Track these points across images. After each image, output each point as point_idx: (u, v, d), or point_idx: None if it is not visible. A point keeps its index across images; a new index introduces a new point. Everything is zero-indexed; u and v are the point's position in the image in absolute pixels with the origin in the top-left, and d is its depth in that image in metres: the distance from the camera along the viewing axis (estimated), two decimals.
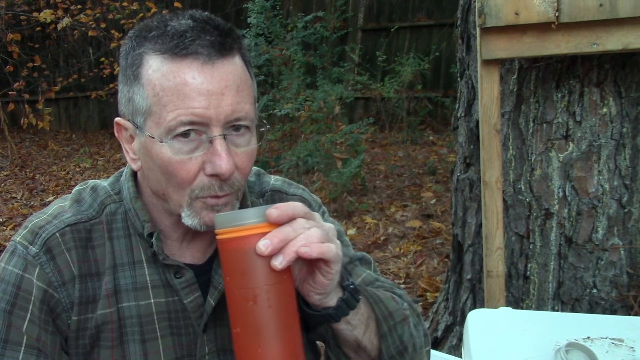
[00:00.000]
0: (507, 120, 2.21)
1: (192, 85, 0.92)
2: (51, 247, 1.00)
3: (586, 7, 1.83)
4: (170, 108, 0.93)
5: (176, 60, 0.93)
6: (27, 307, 0.98)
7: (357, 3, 8.09)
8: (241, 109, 0.96)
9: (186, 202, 0.98)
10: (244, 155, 0.98)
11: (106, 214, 1.06)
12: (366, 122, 5.58)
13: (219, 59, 0.94)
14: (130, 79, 0.98)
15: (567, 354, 1.28)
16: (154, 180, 1.01)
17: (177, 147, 0.94)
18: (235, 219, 0.82)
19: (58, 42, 8.50)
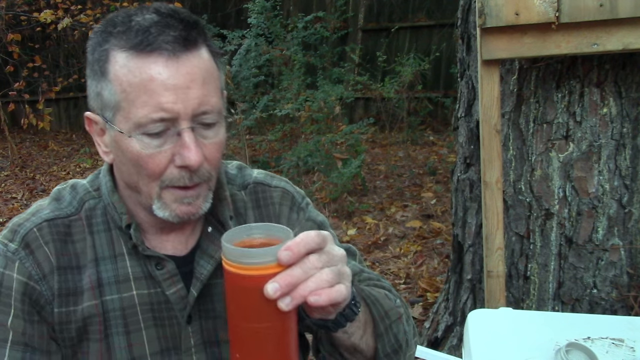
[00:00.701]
0: (507, 120, 2.21)
1: (158, 81, 0.93)
2: (29, 242, 1.03)
3: (586, 7, 1.83)
4: (138, 104, 0.94)
5: (141, 55, 0.94)
6: (10, 303, 0.99)
7: (357, 3, 8.09)
8: (207, 102, 0.97)
9: (155, 193, 1.00)
10: (212, 146, 1.00)
11: (85, 209, 1.08)
12: (366, 122, 5.59)
13: (183, 52, 0.95)
14: (97, 73, 0.99)
15: (567, 354, 1.28)
16: (125, 173, 1.03)
17: (146, 141, 0.96)
18: (245, 255, 0.79)
19: (58, 42, 8.50)
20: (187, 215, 1.02)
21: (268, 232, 0.85)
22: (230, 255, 0.80)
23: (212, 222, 1.12)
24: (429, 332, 2.77)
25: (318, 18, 6.76)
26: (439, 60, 7.37)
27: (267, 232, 0.85)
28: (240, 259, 0.79)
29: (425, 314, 3.16)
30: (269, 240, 0.85)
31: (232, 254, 0.79)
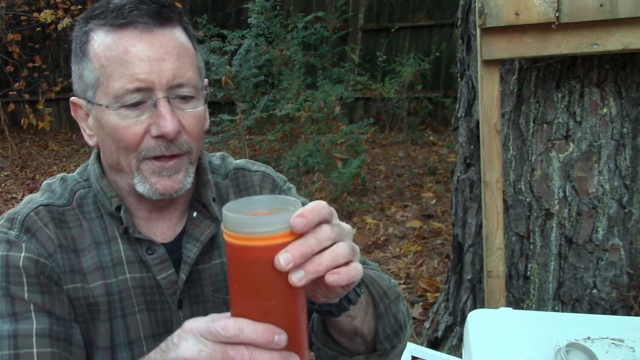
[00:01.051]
0: (507, 120, 2.21)
1: (133, 53, 0.98)
2: (29, 226, 1.05)
3: (586, 7, 1.83)
4: (115, 77, 0.98)
5: (117, 31, 0.99)
6: (21, 280, 1.00)
7: (357, 3, 8.10)
8: (182, 75, 1.00)
9: (134, 166, 1.02)
10: (190, 118, 1.03)
11: (76, 198, 1.11)
12: (366, 122, 5.59)
13: (157, 27, 1.00)
14: (78, 56, 1.04)
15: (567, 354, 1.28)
16: (107, 152, 1.06)
17: (124, 113, 0.99)
18: (251, 224, 0.69)
19: (58, 42, 8.50)
20: (168, 191, 1.03)
21: (272, 205, 0.76)
22: (233, 225, 0.70)
23: (197, 206, 1.14)
24: (429, 332, 2.77)
25: (318, 18, 6.76)
26: (439, 60, 7.38)
27: (271, 205, 0.76)
28: (245, 229, 0.69)
29: (425, 314, 3.16)
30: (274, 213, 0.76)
31: (234, 224, 0.70)
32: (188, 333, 0.73)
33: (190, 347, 0.71)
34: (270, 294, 0.71)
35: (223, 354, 0.69)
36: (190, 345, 0.71)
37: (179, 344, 0.73)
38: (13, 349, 0.95)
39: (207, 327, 0.70)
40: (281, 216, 0.70)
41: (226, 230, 0.72)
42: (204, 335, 0.71)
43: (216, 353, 0.69)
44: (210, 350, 0.70)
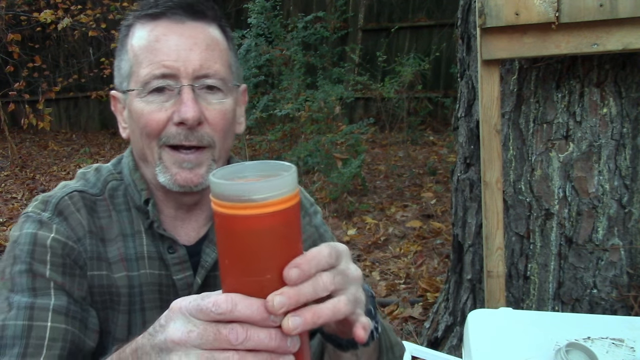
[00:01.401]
0: (507, 120, 2.21)
1: (163, 41, 1.01)
2: (62, 209, 1.07)
3: (586, 7, 1.83)
4: (144, 64, 1.01)
5: (151, 22, 1.04)
6: (45, 259, 1.02)
7: (357, 3, 8.10)
8: (209, 66, 1.02)
9: (156, 153, 1.03)
10: (215, 111, 1.03)
11: (108, 189, 1.13)
12: (366, 122, 5.59)
13: (188, 19, 1.03)
14: (119, 50, 1.09)
15: (567, 354, 1.28)
16: (135, 142, 1.08)
17: (150, 99, 1.02)
18: (242, 191, 0.63)
19: (58, 42, 8.50)
20: (187, 184, 1.03)
21: (263, 171, 0.69)
22: (222, 192, 0.63)
23: None
24: (429, 332, 2.77)
25: (318, 18, 6.76)
26: (439, 60, 7.38)
27: (262, 171, 0.69)
28: (236, 196, 0.63)
29: (425, 314, 3.16)
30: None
31: (223, 191, 0.63)
32: (176, 313, 0.65)
33: (178, 327, 0.64)
34: (264, 267, 0.65)
35: (215, 333, 0.62)
36: (178, 326, 0.64)
37: (167, 326, 0.66)
38: (28, 320, 0.96)
39: (196, 304, 0.63)
40: (275, 181, 0.64)
41: (214, 199, 0.65)
42: (193, 314, 0.63)
43: (207, 333, 0.62)
44: (200, 330, 0.62)
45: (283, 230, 0.65)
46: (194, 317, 0.63)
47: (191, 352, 0.62)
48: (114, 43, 6.95)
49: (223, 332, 0.61)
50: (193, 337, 0.62)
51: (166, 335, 0.65)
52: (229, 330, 0.61)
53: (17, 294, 0.99)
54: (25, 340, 0.94)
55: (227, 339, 0.61)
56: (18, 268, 1.01)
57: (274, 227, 0.64)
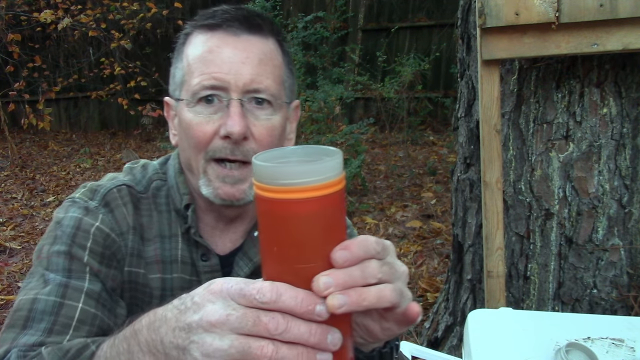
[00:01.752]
0: (507, 120, 2.21)
1: (216, 53, 1.01)
2: (109, 201, 1.08)
3: (586, 7, 1.83)
4: (196, 74, 1.02)
5: (208, 32, 1.04)
6: (86, 244, 1.02)
7: (357, 3, 8.09)
8: (260, 81, 1.02)
9: (202, 167, 1.04)
10: (262, 127, 1.03)
11: (152, 188, 1.13)
12: (366, 122, 5.59)
13: (244, 33, 1.03)
14: (175, 57, 1.10)
15: (567, 354, 1.28)
16: (182, 150, 1.09)
17: (199, 110, 1.02)
18: (291, 174, 0.60)
19: (58, 42, 8.50)
20: (230, 198, 1.04)
21: (307, 156, 0.67)
22: (268, 176, 0.61)
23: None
24: (429, 332, 2.77)
25: (318, 18, 6.76)
26: (439, 60, 7.38)
27: (306, 156, 0.67)
28: (283, 180, 0.60)
29: (425, 314, 3.16)
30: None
31: (270, 175, 0.61)
32: (216, 294, 0.62)
33: (217, 309, 0.61)
34: (308, 254, 0.62)
35: (255, 320, 0.59)
36: (217, 308, 0.61)
37: (203, 305, 0.62)
38: (60, 297, 0.96)
39: (239, 288, 0.60)
40: (321, 164, 0.61)
41: (258, 183, 0.63)
42: (234, 298, 0.61)
43: (247, 318, 0.59)
44: (240, 314, 0.60)
45: (329, 216, 0.63)
46: (235, 301, 0.61)
47: (226, 335, 0.60)
48: (114, 43, 6.96)
49: (263, 320, 0.59)
50: (232, 321, 0.60)
51: (202, 314, 0.61)
52: (270, 319, 0.59)
53: (52, 273, 0.99)
54: (54, 317, 0.94)
55: (267, 327, 0.59)
56: (57, 248, 1.01)
57: (319, 211, 0.62)
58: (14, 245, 4.43)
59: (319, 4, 8.04)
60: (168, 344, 0.64)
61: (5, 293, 3.63)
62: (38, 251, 1.03)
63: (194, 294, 0.65)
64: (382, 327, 0.75)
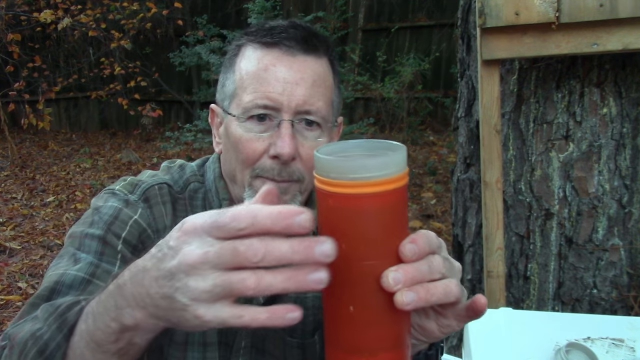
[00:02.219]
0: (507, 120, 2.21)
1: (271, 71, 1.02)
2: (149, 197, 1.08)
3: (586, 7, 1.83)
4: (249, 90, 1.02)
5: (263, 48, 1.04)
6: (121, 234, 1.02)
7: (357, 3, 8.09)
8: (313, 103, 1.02)
9: (247, 181, 1.04)
10: (309, 148, 1.03)
11: (189, 190, 1.13)
12: (366, 122, 5.59)
13: (300, 53, 1.03)
14: (227, 67, 1.10)
15: (567, 354, 1.28)
16: (227, 161, 1.09)
17: (249, 126, 1.03)
18: (355, 168, 0.59)
19: (58, 42, 8.50)
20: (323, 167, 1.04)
21: (369, 150, 0.66)
22: (333, 168, 0.59)
23: None
24: None
25: (318, 18, 6.76)
26: (439, 60, 7.38)
27: (368, 150, 0.66)
28: (353, 174, 0.58)
29: None
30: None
31: (335, 168, 0.59)
32: (189, 234, 0.59)
33: (193, 250, 0.57)
34: (380, 250, 0.61)
35: (232, 251, 0.56)
36: (193, 248, 0.58)
37: (180, 248, 0.59)
38: (90, 275, 0.95)
39: (213, 221, 0.57)
40: (388, 158, 0.60)
41: (320, 177, 0.61)
42: (210, 233, 0.57)
43: (224, 251, 0.56)
44: (216, 249, 0.56)
45: (398, 210, 0.62)
46: (211, 235, 0.58)
47: (208, 275, 0.57)
48: (114, 43, 6.96)
49: (240, 249, 0.56)
50: (210, 258, 0.56)
51: (180, 259, 0.58)
52: (247, 247, 0.56)
53: (84, 253, 0.98)
54: (79, 293, 0.92)
55: (246, 256, 0.56)
56: (92, 231, 1.01)
57: (389, 206, 0.60)
58: (14, 245, 4.43)
59: (319, 4, 8.04)
60: (154, 295, 0.61)
61: (5, 293, 3.63)
62: (71, 233, 1.03)
63: (168, 238, 0.62)
64: (439, 325, 0.74)
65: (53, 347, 0.75)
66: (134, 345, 0.70)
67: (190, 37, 6.68)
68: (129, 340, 0.68)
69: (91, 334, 0.70)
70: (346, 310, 0.63)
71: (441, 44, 7.44)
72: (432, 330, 0.74)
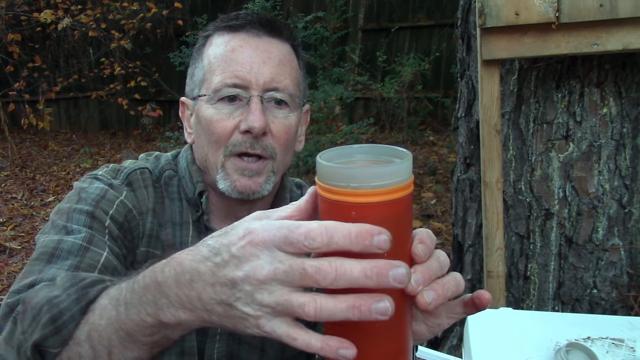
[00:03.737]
0: (507, 120, 2.21)
1: (238, 52, 1.06)
2: (132, 181, 1.11)
3: (586, 7, 1.83)
4: (218, 72, 1.06)
5: (230, 33, 1.09)
6: (108, 211, 1.04)
7: (357, 3, 8.09)
8: (280, 80, 1.07)
9: (220, 162, 1.07)
10: (280, 124, 1.08)
11: (164, 177, 1.16)
12: (366, 122, 5.59)
13: (265, 35, 1.08)
14: (195, 58, 1.14)
15: (567, 354, 1.28)
16: (199, 147, 1.12)
17: (219, 107, 1.06)
18: (361, 177, 0.56)
19: (58, 42, 8.50)
20: (247, 191, 1.07)
21: (374, 155, 0.64)
22: (337, 176, 0.56)
23: None
24: None
25: (318, 18, 6.77)
26: (439, 60, 7.37)
27: (373, 155, 0.64)
28: (352, 181, 0.56)
29: None
30: (377, 164, 0.63)
31: (339, 176, 0.56)
32: (258, 246, 0.56)
33: (263, 265, 0.55)
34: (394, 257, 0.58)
35: (301, 272, 0.54)
36: (263, 263, 0.55)
37: (247, 259, 0.56)
38: (86, 242, 0.96)
39: (284, 236, 0.55)
40: (394, 167, 0.57)
41: (323, 184, 0.58)
42: (281, 247, 0.55)
43: (293, 271, 0.54)
44: (286, 267, 0.54)
45: (408, 217, 0.60)
46: (282, 250, 0.55)
47: (274, 291, 0.55)
48: (114, 43, 6.96)
49: (309, 272, 0.54)
50: (279, 275, 0.55)
51: (249, 272, 0.55)
52: (315, 270, 0.53)
53: (74, 224, 0.99)
54: (79, 258, 0.93)
55: (314, 279, 0.53)
56: (80, 207, 1.02)
57: (400, 213, 0.58)
58: (14, 245, 4.43)
59: (319, 4, 8.04)
60: (209, 300, 0.59)
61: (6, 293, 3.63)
62: (58, 209, 1.03)
63: (229, 244, 0.58)
64: (428, 325, 0.73)
65: (67, 317, 0.74)
66: (169, 340, 0.68)
67: (190, 37, 6.68)
68: (165, 335, 0.67)
69: (122, 323, 0.68)
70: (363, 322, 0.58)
71: (441, 44, 7.44)
72: (421, 333, 0.73)
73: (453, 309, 0.72)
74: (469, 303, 0.71)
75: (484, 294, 0.70)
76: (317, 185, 0.60)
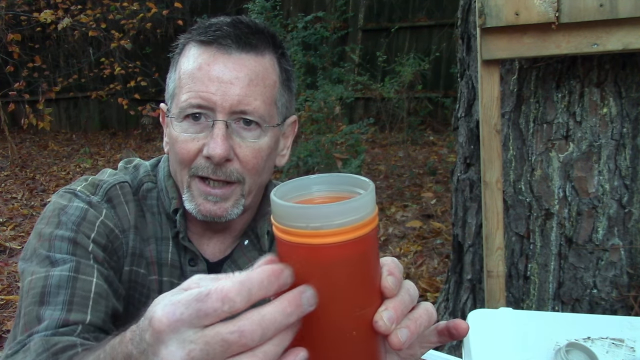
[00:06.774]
0: (507, 120, 2.21)
1: (205, 70, 0.99)
2: (111, 197, 1.06)
3: (586, 7, 1.83)
4: (184, 90, 1.00)
5: (200, 47, 1.01)
6: (90, 235, 1.01)
7: (357, 3, 8.09)
8: (248, 102, 0.99)
9: (186, 182, 1.03)
10: (247, 149, 1.01)
11: (142, 190, 1.12)
12: (366, 122, 5.59)
13: (237, 51, 1.00)
14: (172, 65, 1.09)
15: (567, 354, 1.28)
16: (171, 161, 1.09)
17: (185, 126, 1.01)
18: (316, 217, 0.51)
19: (58, 42, 8.50)
20: (211, 215, 1.03)
21: (333, 185, 0.59)
22: (290, 216, 0.52)
23: (250, 235, 1.14)
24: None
25: (318, 18, 6.76)
26: (439, 60, 7.37)
27: (332, 185, 0.59)
28: (308, 221, 0.51)
29: None
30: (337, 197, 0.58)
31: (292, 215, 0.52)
32: (164, 333, 0.51)
33: (174, 352, 0.50)
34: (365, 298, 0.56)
35: (222, 344, 0.49)
36: (173, 350, 0.50)
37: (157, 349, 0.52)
38: (74, 272, 0.95)
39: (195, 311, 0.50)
40: (353, 203, 0.52)
41: (278, 224, 0.54)
42: (193, 324, 0.50)
43: (212, 347, 0.49)
44: (201, 345, 0.50)
45: (366, 256, 0.55)
46: (194, 327, 0.50)
47: None
48: (114, 43, 6.96)
49: (231, 340, 0.49)
50: (197, 356, 0.50)
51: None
52: (239, 335, 0.49)
53: (57, 254, 0.97)
54: (70, 290, 0.91)
55: (240, 344, 0.49)
56: (61, 233, 0.99)
57: (358, 253, 0.54)
58: (14, 245, 4.43)
59: (319, 4, 8.04)
60: None
61: (5, 293, 3.63)
62: (39, 232, 1.01)
63: (143, 328, 0.55)
64: (400, 357, 0.69)
65: None
66: None
67: None
68: None
69: None
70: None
71: (441, 44, 7.44)
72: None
73: (427, 338, 0.69)
74: (444, 332, 0.68)
75: (461, 323, 0.67)
76: (274, 227, 0.54)
